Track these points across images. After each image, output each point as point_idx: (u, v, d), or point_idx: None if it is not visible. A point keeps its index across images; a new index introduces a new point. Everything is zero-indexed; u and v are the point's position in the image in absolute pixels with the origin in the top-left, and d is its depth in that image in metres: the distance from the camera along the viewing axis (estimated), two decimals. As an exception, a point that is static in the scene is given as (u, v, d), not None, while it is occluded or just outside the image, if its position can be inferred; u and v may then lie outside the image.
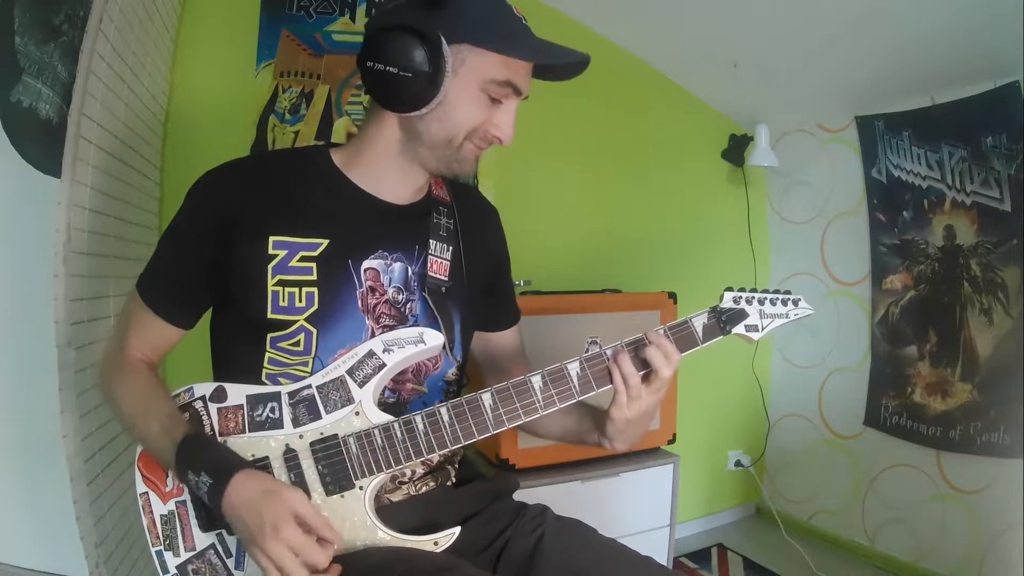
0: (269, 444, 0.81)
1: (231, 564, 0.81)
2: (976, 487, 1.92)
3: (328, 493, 0.80)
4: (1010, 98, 1.78)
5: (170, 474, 0.83)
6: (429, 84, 0.78)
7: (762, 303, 0.87)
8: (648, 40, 2.25)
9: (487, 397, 0.82)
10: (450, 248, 0.93)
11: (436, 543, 0.81)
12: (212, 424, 0.82)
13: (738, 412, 2.59)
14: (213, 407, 0.83)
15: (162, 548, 0.82)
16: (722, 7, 1.90)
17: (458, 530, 0.82)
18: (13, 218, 1.25)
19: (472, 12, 0.79)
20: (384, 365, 0.82)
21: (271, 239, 0.83)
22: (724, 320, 0.86)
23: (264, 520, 0.72)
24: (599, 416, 0.92)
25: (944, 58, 1.80)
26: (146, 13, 1.39)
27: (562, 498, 1.13)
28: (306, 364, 0.83)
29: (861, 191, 2.25)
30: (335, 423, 0.81)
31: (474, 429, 0.82)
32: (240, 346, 0.85)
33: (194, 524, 0.82)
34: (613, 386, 0.83)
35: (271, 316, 0.82)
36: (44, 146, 1.16)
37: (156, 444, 0.81)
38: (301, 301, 0.82)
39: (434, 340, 0.84)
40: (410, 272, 0.89)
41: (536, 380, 0.83)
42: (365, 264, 0.86)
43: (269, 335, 0.83)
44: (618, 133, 2.30)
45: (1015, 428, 1.80)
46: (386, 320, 0.86)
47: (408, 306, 0.89)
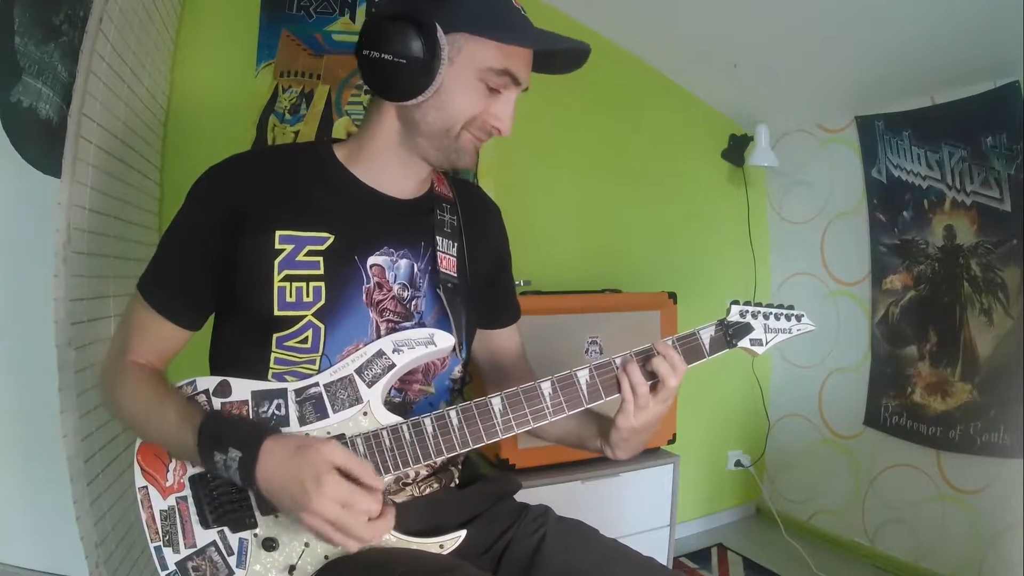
0: None
1: (232, 562, 0.80)
2: (976, 487, 1.92)
3: None
4: (1010, 98, 1.78)
5: (171, 471, 0.82)
6: (425, 71, 0.78)
7: (767, 318, 0.87)
8: (649, 40, 2.25)
9: (497, 402, 0.82)
10: (455, 245, 0.93)
11: (442, 546, 0.81)
12: None
13: (738, 412, 2.59)
14: (217, 402, 0.81)
15: (161, 544, 0.81)
16: (722, 7, 1.90)
17: (464, 533, 0.82)
18: (13, 218, 1.25)
19: (470, 2, 0.80)
20: (394, 365, 0.82)
21: (277, 234, 0.82)
22: (730, 333, 0.86)
23: (304, 478, 0.70)
24: (603, 422, 0.92)
25: (944, 58, 1.80)
26: (146, 13, 1.39)
27: (562, 498, 1.13)
28: (313, 362, 0.82)
29: (861, 191, 2.25)
30: (342, 423, 0.80)
31: (483, 433, 0.81)
32: (244, 348, 0.84)
33: (195, 520, 0.81)
34: (621, 395, 0.83)
35: (277, 313, 0.81)
36: (44, 146, 1.16)
37: (177, 436, 0.77)
38: (309, 296, 0.82)
39: (444, 342, 0.84)
40: (416, 269, 0.89)
41: (546, 386, 0.82)
42: (371, 260, 0.85)
43: (275, 335, 0.81)
44: (618, 133, 2.30)
45: (1015, 428, 1.80)
46: (391, 316, 0.86)
47: (414, 303, 0.88)
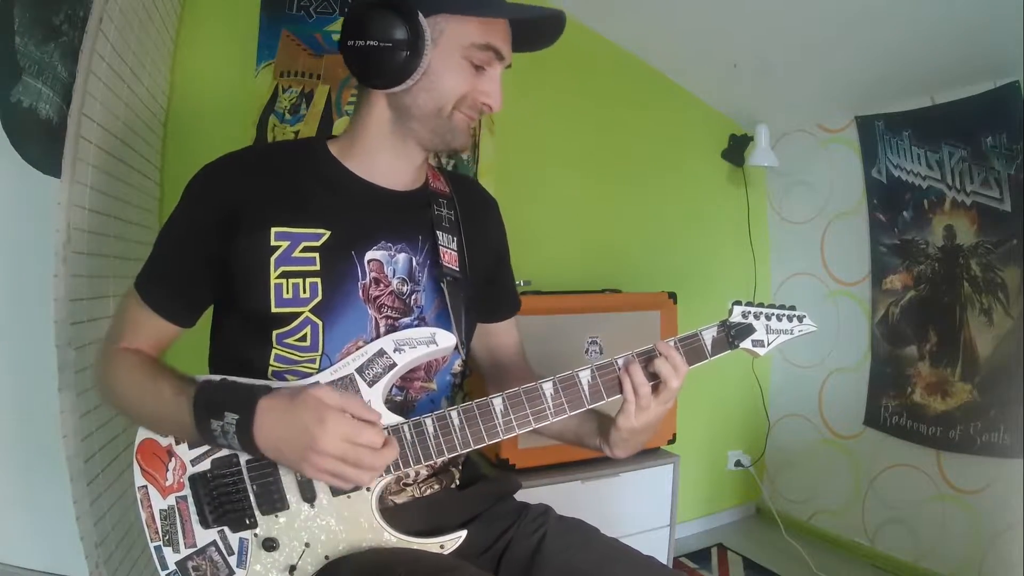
0: None
1: (232, 562, 0.80)
2: (976, 487, 1.92)
3: (335, 493, 0.80)
4: (1010, 98, 1.78)
5: (170, 470, 0.81)
6: (411, 54, 0.79)
7: (769, 319, 0.87)
8: (649, 40, 2.25)
9: (498, 402, 0.82)
10: (455, 239, 0.93)
11: (442, 546, 0.80)
12: None
13: (738, 412, 2.59)
14: None
15: (161, 544, 0.81)
16: (722, 6, 1.90)
17: (464, 534, 0.82)
18: (13, 218, 1.25)
19: None
20: (395, 365, 0.81)
21: (273, 230, 0.82)
22: (733, 335, 0.86)
23: (307, 421, 0.71)
24: (602, 421, 0.92)
25: (944, 58, 1.80)
26: (146, 13, 1.39)
27: (562, 498, 1.12)
28: (313, 361, 0.82)
29: (861, 191, 2.25)
30: None
31: (484, 434, 0.81)
32: (244, 346, 0.84)
33: (195, 520, 0.81)
34: (623, 395, 0.83)
35: (275, 310, 0.81)
36: (44, 146, 1.15)
37: (172, 411, 0.77)
38: (305, 292, 0.82)
39: (446, 341, 0.83)
40: (414, 263, 0.89)
41: (547, 387, 0.83)
42: (368, 255, 0.86)
43: (275, 332, 0.81)
44: (618, 133, 2.30)
45: (1015, 428, 1.80)
46: (390, 312, 0.86)
47: (413, 297, 0.88)
